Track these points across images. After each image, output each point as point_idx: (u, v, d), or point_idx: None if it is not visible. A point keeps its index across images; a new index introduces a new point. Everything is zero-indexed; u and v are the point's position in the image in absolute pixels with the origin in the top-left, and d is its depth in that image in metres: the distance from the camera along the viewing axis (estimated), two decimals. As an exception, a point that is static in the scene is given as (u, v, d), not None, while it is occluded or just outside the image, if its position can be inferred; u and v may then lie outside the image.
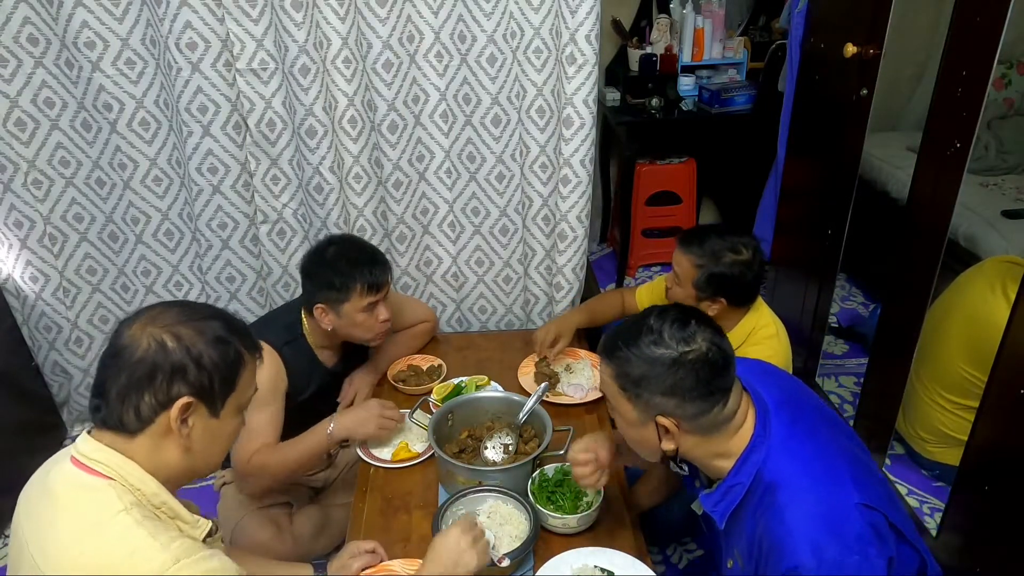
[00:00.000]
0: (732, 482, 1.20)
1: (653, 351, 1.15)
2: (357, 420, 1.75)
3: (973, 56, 1.70)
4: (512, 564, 1.40)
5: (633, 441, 1.26)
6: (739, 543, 1.23)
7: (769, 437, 1.19)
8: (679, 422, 1.17)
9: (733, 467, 1.20)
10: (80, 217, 2.25)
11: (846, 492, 1.14)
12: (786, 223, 2.80)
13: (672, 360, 1.14)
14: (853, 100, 2.19)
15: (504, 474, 1.58)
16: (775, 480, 1.16)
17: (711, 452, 1.21)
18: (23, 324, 2.35)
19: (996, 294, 1.95)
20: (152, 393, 1.03)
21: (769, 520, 1.14)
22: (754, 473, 1.18)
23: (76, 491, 1.03)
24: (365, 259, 1.82)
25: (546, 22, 2.02)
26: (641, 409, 1.18)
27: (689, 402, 1.15)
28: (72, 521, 1.02)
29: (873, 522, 1.13)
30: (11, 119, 2.07)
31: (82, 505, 1.02)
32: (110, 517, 1.00)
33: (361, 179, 2.17)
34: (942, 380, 2.13)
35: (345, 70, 2.01)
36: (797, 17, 2.55)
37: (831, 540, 1.10)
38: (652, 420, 1.18)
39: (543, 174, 2.22)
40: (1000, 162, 3.21)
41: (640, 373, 1.16)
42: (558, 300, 2.41)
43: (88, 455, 1.05)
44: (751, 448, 1.19)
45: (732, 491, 1.21)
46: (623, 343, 1.18)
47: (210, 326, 1.08)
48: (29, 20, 1.98)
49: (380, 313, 1.84)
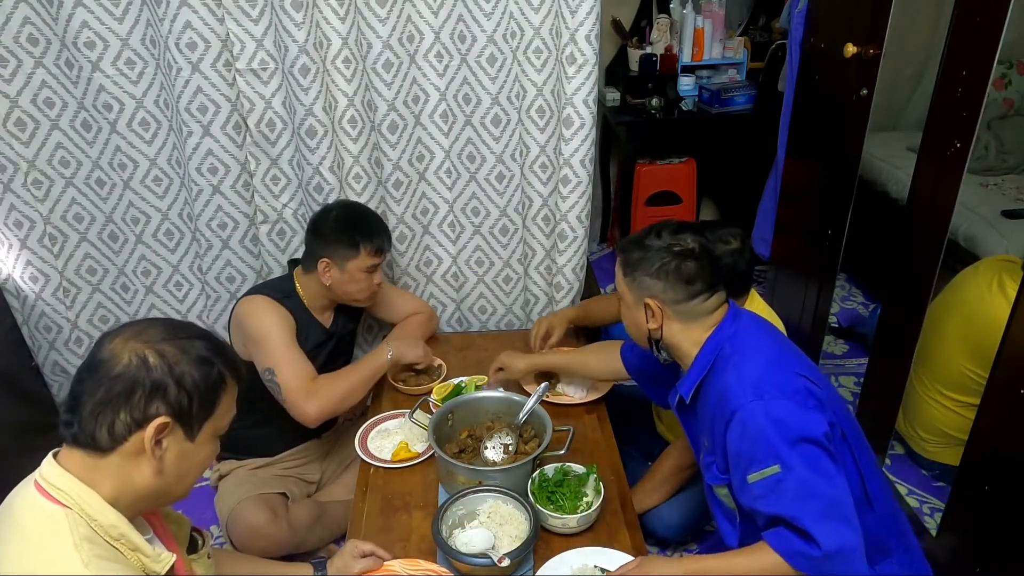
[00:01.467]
0: (700, 357, 1.40)
1: (653, 242, 1.40)
2: (407, 343, 2.05)
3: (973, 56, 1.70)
4: (512, 564, 1.40)
5: (628, 324, 1.49)
6: (704, 422, 1.42)
7: (737, 323, 1.40)
8: (663, 305, 1.39)
9: (701, 350, 1.40)
10: (80, 217, 2.25)
11: (791, 365, 1.35)
12: (786, 223, 2.80)
13: (662, 248, 1.38)
14: (853, 100, 2.19)
15: (504, 474, 1.58)
16: (733, 351, 1.36)
17: (690, 339, 1.41)
18: (23, 324, 2.35)
19: (993, 291, 1.95)
20: (128, 410, 0.99)
21: (722, 380, 1.34)
22: (717, 349, 1.38)
23: (33, 517, 1.01)
24: (377, 224, 2.00)
25: (546, 22, 2.02)
26: (635, 291, 1.41)
27: (672, 287, 1.37)
28: (22, 548, 0.99)
29: (812, 391, 1.31)
30: (11, 119, 2.07)
31: (36, 533, 1.00)
32: (58, 553, 0.97)
33: (361, 179, 2.17)
34: (942, 379, 2.14)
35: (345, 70, 2.01)
36: (797, 17, 2.55)
37: (772, 388, 1.29)
38: (642, 302, 1.40)
39: (543, 174, 2.22)
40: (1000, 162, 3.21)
41: (636, 257, 1.40)
42: (558, 300, 2.40)
43: (50, 480, 1.01)
44: (718, 330, 1.40)
45: (699, 365, 1.40)
46: (632, 239, 1.43)
47: (194, 346, 1.04)
48: (29, 20, 1.98)
49: (376, 276, 2.00)
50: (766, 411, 1.26)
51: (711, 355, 1.38)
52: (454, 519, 1.52)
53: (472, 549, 1.44)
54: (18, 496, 1.05)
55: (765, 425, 1.25)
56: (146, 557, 1.06)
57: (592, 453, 1.77)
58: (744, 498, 1.32)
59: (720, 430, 1.32)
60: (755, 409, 1.26)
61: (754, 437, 1.26)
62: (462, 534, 1.50)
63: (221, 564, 1.37)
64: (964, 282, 2.13)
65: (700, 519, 2.09)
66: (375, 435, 1.90)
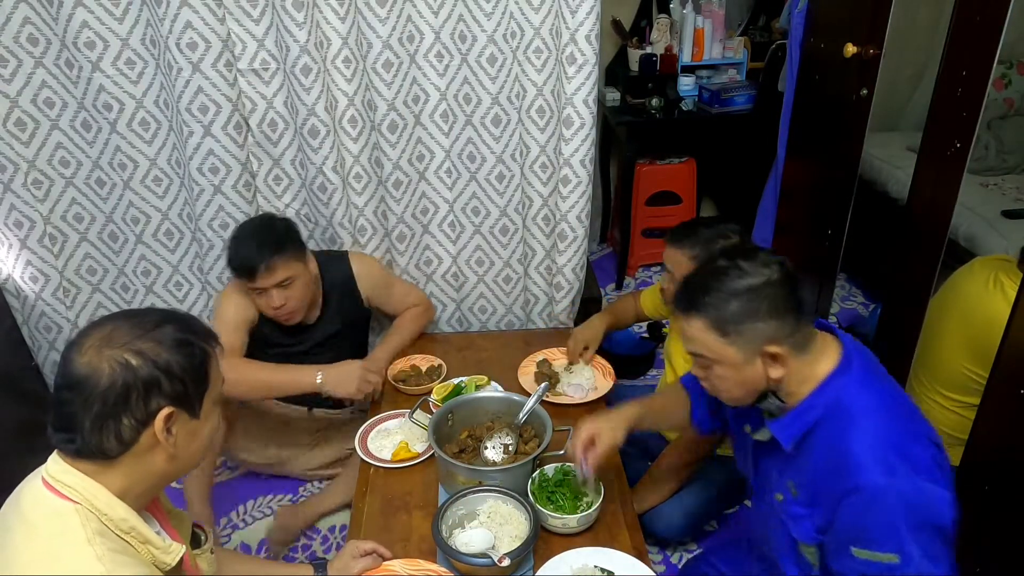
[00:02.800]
0: (809, 404, 1.21)
1: (741, 283, 1.18)
2: (340, 375, 1.94)
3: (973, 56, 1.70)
4: (512, 564, 1.40)
5: (735, 385, 1.24)
6: (799, 471, 1.24)
7: (851, 370, 1.21)
8: (784, 345, 1.18)
9: (812, 391, 1.21)
10: (80, 217, 2.25)
11: (918, 424, 1.19)
12: (786, 223, 2.80)
13: (763, 283, 1.17)
14: (853, 100, 2.19)
15: (504, 474, 1.58)
16: (852, 406, 1.18)
17: (798, 376, 1.21)
18: (23, 324, 2.35)
19: (990, 289, 1.95)
20: (130, 415, 1.00)
21: (840, 442, 1.16)
22: (833, 399, 1.20)
23: (43, 513, 1.01)
24: (244, 250, 1.93)
25: (546, 22, 2.02)
26: (745, 346, 1.18)
27: (786, 319, 1.18)
28: (34, 544, 1.00)
29: (939, 461, 1.17)
30: (11, 119, 2.07)
31: (46, 529, 1.00)
32: (71, 549, 0.98)
33: (361, 179, 2.17)
34: (942, 379, 2.13)
35: (345, 70, 2.01)
36: (797, 17, 2.55)
37: (903, 462, 1.12)
38: (758, 353, 1.19)
39: (543, 174, 2.22)
40: (1000, 162, 3.21)
41: (737, 308, 1.17)
42: (558, 300, 2.41)
43: (57, 477, 1.02)
44: (834, 375, 1.21)
45: (807, 414, 1.21)
46: (705, 292, 1.19)
47: (165, 332, 1.04)
48: (29, 20, 1.98)
49: (272, 299, 1.95)
50: (897, 492, 1.11)
51: (824, 403, 1.21)
52: (454, 519, 1.52)
53: (472, 549, 1.44)
54: (25, 492, 1.05)
55: (893, 508, 1.12)
56: (156, 549, 1.07)
57: (592, 453, 1.76)
58: (840, 565, 1.18)
59: (831, 494, 1.17)
60: (885, 489, 1.12)
61: (877, 517, 1.12)
62: (462, 534, 1.50)
63: (223, 563, 1.37)
64: (960, 281, 2.13)
65: (700, 518, 2.09)
66: (375, 435, 1.90)
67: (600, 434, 1.51)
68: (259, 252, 1.90)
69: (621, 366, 2.45)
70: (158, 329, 1.04)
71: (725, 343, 1.19)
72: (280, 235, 1.97)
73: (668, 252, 1.85)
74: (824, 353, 1.23)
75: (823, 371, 1.21)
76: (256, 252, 1.90)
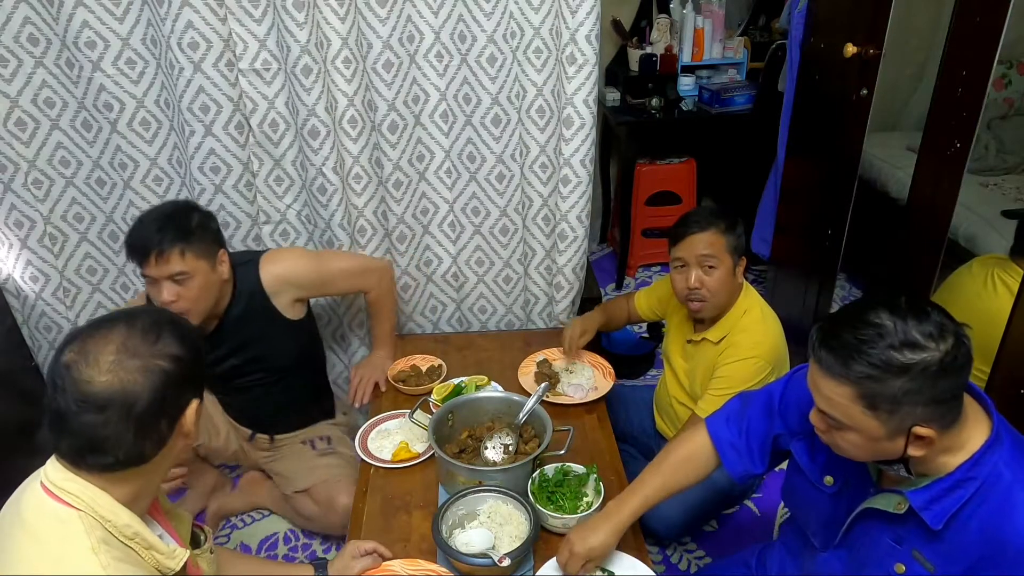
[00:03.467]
0: (961, 477, 1.07)
1: (910, 357, 1.00)
2: None
3: (973, 56, 1.70)
4: (512, 564, 1.40)
5: (863, 452, 1.10)
6: (938, 547, 1.11)
7: (1003, 441, 1.09)
8: (935, 427, 1.03)
9: (965, 462, 1.07)
10: (80, 217, 2.25)
11: None
12: (786, 223, 2.81)
13: (937, 364, 1.00)
14: (853, 100, 2.19)
15: (504, 474, 1.58)
16: (1014, 480, 1.05)
17: (940, 448, 1.07)
18: (23, 324, 2.35)
19: (988, 288, 1.95)
20: (166, 415, 1.03)
21: (1006, 523, 1.04)
22: (989, 471, 1.06)
23: (46, 519, 1.00)
24: (136, 235, 1.75)
25: (546, 22, 2.02)
26: (892, 424, 1.04)
27: (948, 404, 1.03)
28: (37, 549, 0.99)
29: None
30: (11, 119, 2.07)
31: (50, 535, 0.99)
32: (76, 557, 0.97)
33: (361, 179, 2.17)
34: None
35: (345, 70, 2.01)
36: (797, 17, 2.55)
37: None
38: (904, 432, 1.04)
39: (543, 174, 2.22)
40: (1000, 162, 3.21)
41: (899, 387, 1.00)
42: (558, 300, 2.41)
43: (57, 483, 1.01)
44: (989, 444, 1.07)
45: (960, 487, 1.07)
46: (863, 355, 1.01)
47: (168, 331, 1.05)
48: (29, 20, 1.98)
49: (161, 292, 1.75)
50: None
51: (979, 478, 1.07)
52: (454, 519, 1.52)
53: (472, 549, 1.45)
54: (26, 498, 1.05)
55: None
56: (160, 554, 1.07)
57: (592, 453, 1.77)
58: None
59: None
60: None
61: None
62: (462, 534, 1.50)
63: (223, 562, 1.37)
64: (958, 281, 2.13)
65: (700, 518, 2.10)
66: (375, 435, 1.90)
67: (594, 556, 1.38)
68: (157, 235, 1.72)
69: (621, 366, 2.46)
70: (161, 329, 1.05)
71: (870, 416, 1.04)
72: (189, 224, 1.78)
73: (693, 240, 1.80)
74: (975, 421, 1.09)
75: (976, 442, 1.08)
76: (154, 234, 1.72)
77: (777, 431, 1.35)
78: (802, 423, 1.25)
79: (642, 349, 2.94)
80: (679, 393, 2.03)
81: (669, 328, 2.09)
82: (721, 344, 1.85)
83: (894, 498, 1.14)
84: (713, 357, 1.86)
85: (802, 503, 1.36)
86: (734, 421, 1.41)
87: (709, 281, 1.80)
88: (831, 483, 1.26)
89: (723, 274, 1.80)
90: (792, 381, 1.36)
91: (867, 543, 1.21)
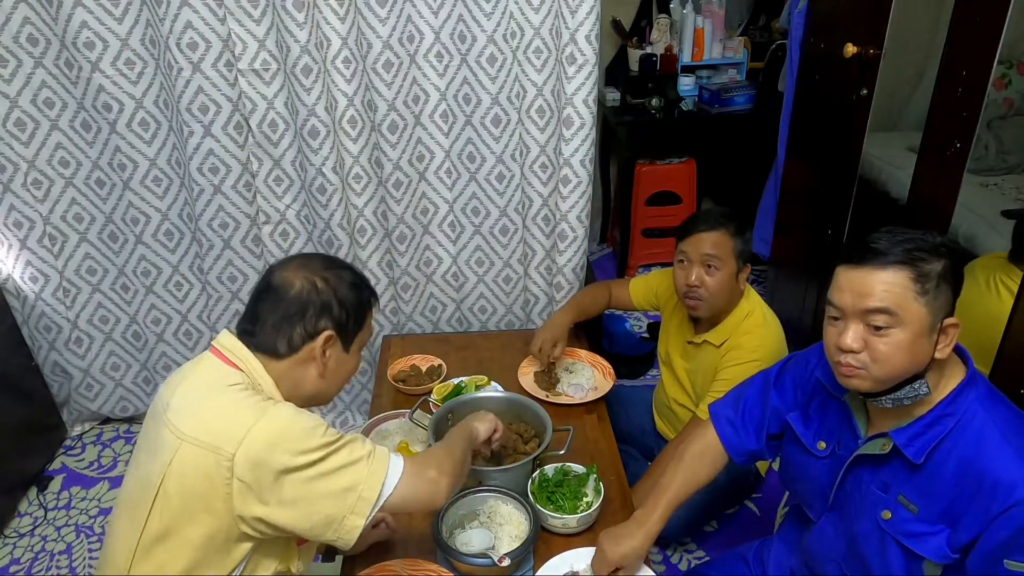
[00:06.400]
0: (940, 413, 1.15)
1: (939, 242, 1.12)
2: None
3: (973, 56, 1.70)
4: (512, 564, 1.40)
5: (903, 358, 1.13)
6: (919, 486, 1.18)
7: (978, 383, 1.16)
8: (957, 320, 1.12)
9: (943, 400, 1.15)
10: (80, 217, 2.25)
11: None
12: (786, 223, 2.81)
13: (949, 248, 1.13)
14: (853, 100, 2.19)
15: (504, 474, 1.58)
16: (985, 420, 1.12)
17: (936, 376, 1.16)
18: (23, 324, 2.36)
19: (991, 289, 1.95)
20: (303, 325, 1.20)
21: (979, 457, 1.11)
22: (965, 409, 1.14)
23: (211, 367, 1.20)
24: None
25: (546, 22, 2.02)
26: (935, 311, 1.11)
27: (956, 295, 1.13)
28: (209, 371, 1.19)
29: None
30: (11, 119, 2.07)
31: (217, 370, 1.19)
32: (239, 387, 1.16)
33: (361, 179, 2.17)
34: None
35: (345, 70, 2.01)
36: (797, 17, 2.56)
37: None
38: (938, 326, 1.12)
39: (543, 174, 2.22)
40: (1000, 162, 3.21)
41: (940, 268, 1.10)
42: (558, 300, 2.41)
43: (227, 346, 1.21)
44: (964, 384, 1.15)
45: (939, 423, 1.15)
46: (910, 243, 1.11)
47: (347, 274, 1.26)
48: (29, 20, 1.98)
49: None
50: None
51: (957, 414, 1.14)
52: (454, 519, 1.52)
53: (472, 549, 1.44)
54: (199, 358, 1.23)
55: None
56: None
57: (592, 453, 1.77)
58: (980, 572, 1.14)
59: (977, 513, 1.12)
60: None
61: None
62: (462, 534, 1.50)
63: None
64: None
65: (700, 518, 2.09)
66: (375, 435, 1.89)
67: (627, 563, 1.38)
68: None
69: (621, 366, 2.46)
70: (342, 270, 1.26)
71: (922, 303, 1.10)
72: None
73: (701, 238, 1.79)
74: (953, 365, 1.18)
75: (952, 381, 1.16)
76: None
77: (773, 404, 1.42)
78: (796, 396, 1.36)
79: (642, 349, 2.94)
80: (679, 394, 2.03)
81: (668, 329, 2.08)
82: (723, 347, 1.85)
83: (879, 441, 1.22)
84: (715, 360, 1.86)
85: (798, 475, 1.40)
86: (731, 402, 1.49)
87: (709, 281, 1.80)
88: (823, 447, 1.32)
89: (724, 277, 1.80)
90: (788, 363, 1.44)
91: (857, 498, 1.27)
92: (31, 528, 2.27)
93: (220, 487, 1.08)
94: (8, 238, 2.20)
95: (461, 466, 1.33)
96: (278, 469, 1.09)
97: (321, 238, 2.28)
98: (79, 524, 2.28)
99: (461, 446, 1.38)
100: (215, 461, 1.08)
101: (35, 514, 2.32)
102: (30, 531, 2.26)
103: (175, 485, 1.09)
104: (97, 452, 2.56)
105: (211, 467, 1.08)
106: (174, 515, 1.10)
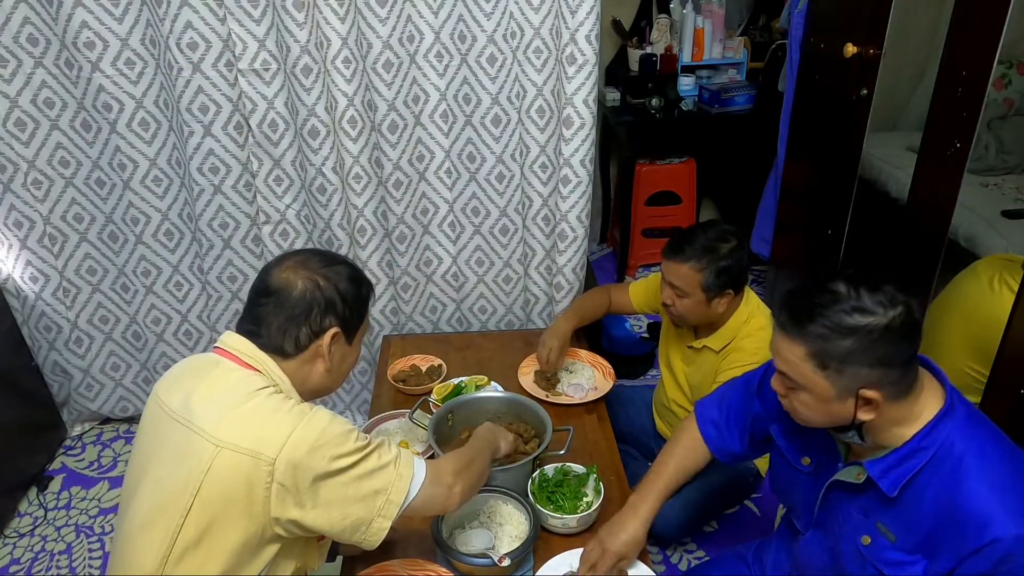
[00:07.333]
0: (916, 447, 1.13)
1: (859, 320, 1.06)
2: None
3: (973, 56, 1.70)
4: (512, 564, 1.40)
5: (817, 414, 1.16)
6: (897, 516, 1.17)
7: (955, 412, 1.13)
8: (882, 391, 1.09)
9: (918, 433, 1.13)
10: (80, 217, 2.25)
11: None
12: (786, 223, 2.80)
13: (883, 328, 1.06)
14: (853, 100, 2.19)
15: (504, 474, 1.58)
16: (963, 452, 1.10)
17: (892, 418, 1.13)
18: (23, 324, 2.36)
19: (995, 288, 1.95)
20: (308, 325, 1.21)
21: (956, 491, 1.09)
22: (941, 442, 1.11)
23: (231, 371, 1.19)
24: None
25: (546, 22, 2.02)
26: (840, 384, 1.09)
27: (896, 369, 1.08)
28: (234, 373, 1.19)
29: None
30: (11, 119, 2.07)
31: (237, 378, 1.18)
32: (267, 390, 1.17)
33: (361, 179, 2.17)
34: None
35: (345, 70, 2.01)
36: (797, 17, 2.55)
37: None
38: (853, 394, 1.10)
39: (543, 174, 2.22)
40: (1000, 162, 3.21)
41: (846, 347, 1.07)
42: (558, 300, 2.41)
43: (240, 349, 1.21)
44: (941, 415, 1.13)
45: (915, 457, 1.13)
46: (812, 318, 1.09)
47: (345, 268, 1.26)
48: (29, 20, 1.98)
49: None
50: None
51: (932, 447, 1.12)
52: (454, 519, 1.52)
53: (472, 549, 1.44)
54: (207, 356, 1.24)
55: None
56: None
57: (592, 453, 1.77)
58: None
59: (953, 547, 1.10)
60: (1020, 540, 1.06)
61: (1012, 567, 1.07)
62: (462, 534, 1.50)
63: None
64: (963, 282, 2.13)
65: (700, 517, 2.09)
66: (375, 435, 1.89)
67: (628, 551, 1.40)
68: None
69: (621, 366, 2.46)
70: (340, 265, 1.27)
71: (820, 376, 1.10)
72: None
73: (669, 266, 1.82)
74: (928, 392, 1.14)
75: (928, 413, 1.13)
76: None
77: (755, 411, 1.41)
78: (778, 406, 1.29)
79: (642, 349, 2.94)
80: (678, 396, 2.03)
81: (668, 332, 2.08)
82: (723, 352, 1.86)
83: (855, 469, 1.20)
84: (715, 364, 1.86)
85: (785, 486, 1.41)
86: (715, 402, 1.50)
87: (679, 303, 1.84)
88: (808, 463, 1.32)
89: (692, 304, 1.81)
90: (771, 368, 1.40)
91: (839, 518, 1.26)
92: (31, 528, 2.27)
93: (260, 491, 1.09)
94: (8, 238, 2.20)
95: (478, 477, 1.37)
96: (317, 473, 1.11)
97: (321, 238, 2.28)
98: (79, 524, 2.29)
99: (483, 459, 1.41)
100: (255, 465, 1.09)
101: (35, 514, 2.32)
102: (30, 531, 2.26)
103: (215, 491, 1.09)
104: (97, 452, 2.56)
105: (251, 472, 1.09)
106: (212, 521, 1.10)
